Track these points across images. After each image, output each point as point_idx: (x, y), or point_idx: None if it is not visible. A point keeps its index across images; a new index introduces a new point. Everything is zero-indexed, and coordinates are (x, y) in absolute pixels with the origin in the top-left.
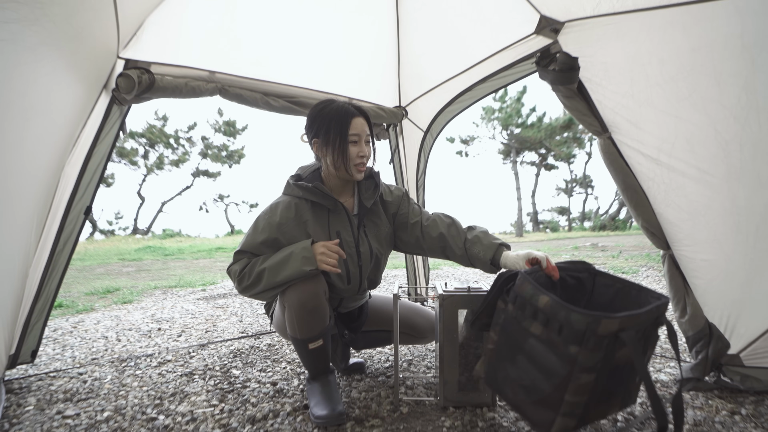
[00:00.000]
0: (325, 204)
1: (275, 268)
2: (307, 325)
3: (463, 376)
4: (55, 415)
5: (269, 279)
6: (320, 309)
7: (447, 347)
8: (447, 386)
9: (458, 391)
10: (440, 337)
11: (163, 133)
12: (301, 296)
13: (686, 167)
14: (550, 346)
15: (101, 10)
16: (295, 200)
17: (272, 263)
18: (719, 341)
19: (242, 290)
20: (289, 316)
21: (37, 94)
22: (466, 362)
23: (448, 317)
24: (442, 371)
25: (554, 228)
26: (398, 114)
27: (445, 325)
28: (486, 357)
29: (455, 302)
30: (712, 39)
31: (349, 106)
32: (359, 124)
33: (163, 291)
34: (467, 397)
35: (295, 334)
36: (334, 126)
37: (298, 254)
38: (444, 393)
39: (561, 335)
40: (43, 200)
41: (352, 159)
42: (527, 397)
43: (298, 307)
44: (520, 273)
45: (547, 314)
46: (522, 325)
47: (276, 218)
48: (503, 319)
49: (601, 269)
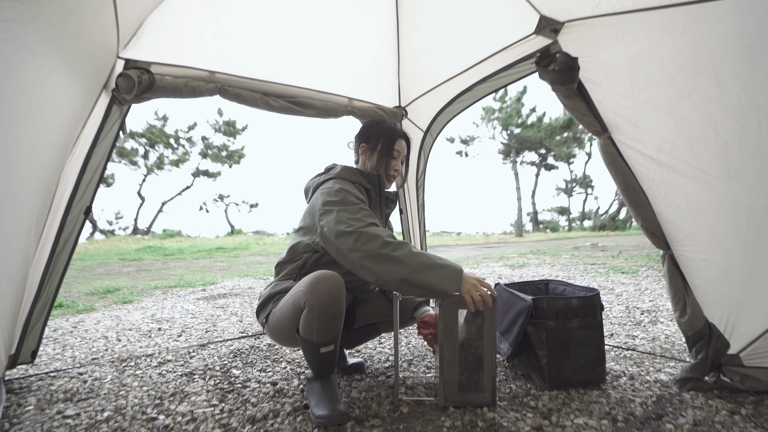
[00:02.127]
0: (373, 193)
1: (424, 267)
2: (326, 329)
3: (463, 375)
4: (55, 414)
5: (413, 270)
6: (340, 314)
7: (447, 347)
8: (447, 386)
9: (458, 391)
10: (440, 338)
11: (163, 133)
12: (327, 300)
13: (686, 167)
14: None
15: (101, 9)
16: (355, 185)
17: (424, 260)
18: (719, 341)
19: (372, 255)
20: (309, 317)
21: (35, 94)
22: (466, 362)
23: (448, 317)
24: (442, 371)
25: (554, 228)
26: (398, 114)
27: (446, 325)
28: (545, 369)
29: (455, 302)
30: (712, 39)
31: (399, 128)
32: (402, 145)
33: (163, 291)
34: (467, 397)
35: (311, 337)
36: (384, 139)
37: (451, 273)
38: (444, 393)
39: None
40: (43, 200)
41: (389, 170)
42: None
43: (321, 310)
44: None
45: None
46: (566, 326)
47: (354, 192)
48: (546, 334)
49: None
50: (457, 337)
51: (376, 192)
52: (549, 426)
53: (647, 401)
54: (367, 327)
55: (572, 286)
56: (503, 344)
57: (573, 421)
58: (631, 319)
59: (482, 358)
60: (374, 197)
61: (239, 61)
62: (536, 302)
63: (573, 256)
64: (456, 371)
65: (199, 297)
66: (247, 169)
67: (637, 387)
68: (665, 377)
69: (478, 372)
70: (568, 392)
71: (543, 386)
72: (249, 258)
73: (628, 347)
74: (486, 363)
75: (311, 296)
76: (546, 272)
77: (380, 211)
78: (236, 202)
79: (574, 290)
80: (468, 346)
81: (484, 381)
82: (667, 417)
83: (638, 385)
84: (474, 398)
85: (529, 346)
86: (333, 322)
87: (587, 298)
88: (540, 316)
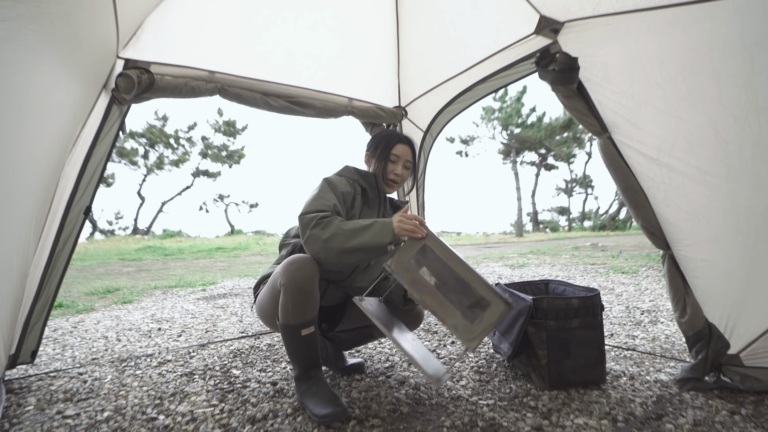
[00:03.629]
0: (369, 194)
1: (355, 232)
2: (302, 309)
3: (462, 307)
4: (55, 415)
5: (343, 238)
6: (315, 294)
7: (428, 297)
8: (460, 329)
9: (472, 324)
10: (416, 296)
11: (163, 133)
12: (299, 279)
13: (686, 167)
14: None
15: (100, 9)
16: (351, 181)
17: (354, 227)
18: (719, 341)
19: (313, 233)
20: (284, 299)
21: (35, 93)
22: (454, 295)
23: (405, 273)
24: (445, 320)
25: (554, 228)
26: (398, 114)
27: (410, 282)
28: (545, 369)
29: (400, 257)
30: (712, 39)
31: (401, 133)
32: (402, 149)
33: (163, 291)
34: (484, 322)
35: (288, 320)
36: (383, 144)
37: (381, 226)
38: (463, 336)
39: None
40: (43, 200)
41: (387, 173)
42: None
43: (294, 289)
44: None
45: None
46: (567, 326)
47: (340, 188)
48: (546, 334)
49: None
50: (429, 282)
51: (374, 192)
52: (549, 426)
53: (647, 401)
54: (360, 329)
55: (572, 286)
56: (503, 344)
57: (573, 421)
58: (631, 319)
59: (463, 279)
60: (372, 197)
61: (239, 61)
62: (536, 302)
63: (573, 256)
64: (455, 309)
65: (199, 297)
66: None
67: (637, 387)
68: (665, 377)
69: (472, 293)
70: (568, 392)
71: (543, 386)
72: (249, 258)
73: (628, 347)
74: (469, 279)
75: (284, 278)
76: (546, 272)
77: (380, 212)
78: (236, 202)
79: (575, 290)
80: (442, 281)
81: (485, 295)
82: (667, 417)
83: (638, 385)
84: (490, 316)
85: (529, 346)
86: (308, 302)
87: (587, 299)
88: (540, 316)
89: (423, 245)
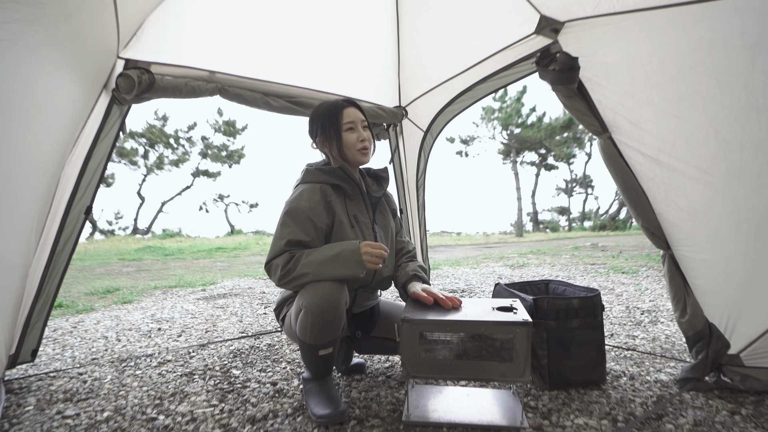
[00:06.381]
0: (345, 186)
1: (323, 265)
2: (321, 334)
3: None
4: (55, 415)
5: (315, 275)
6: (337, 320)
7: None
8: (508, 377)
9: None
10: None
11: (163, 133)
12: (322, 305)
13: (686, 167)
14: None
15: (101, 10)
16: (317, 185)
17: (320, 259)
18: (719, 341)
19: (284, 284)
20: (304, 320)
21: (37, 94)
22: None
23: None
24: (490, 377)
25: (554, 228)
26: (398, 114)
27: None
28: (545, 369)
29: (411, 324)
30: (712, 39)
31: (339, 99)
32: (351, 112)
33: (163, 291)
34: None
35: (306, 338)
36: (328, 120)
37: (348, 257)
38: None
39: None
40: (43, 200)
41: (354, 144)
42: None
43: (317, 314)
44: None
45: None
46: (567, 326)
47: (305, 203)
48: (546, 334)
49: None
50: (451, 358)
51: (349, 183)
52: (549, 426)
53: (647, 401)
54: (389, 340)
55: (572, 287)
56: None
57: (573, 421)
58: (631, 319)
59: (476, 335)
60: (349, 189)
61: (239, 61)
62: (537, 302)
63: (573, 256)
64: (489, 362)
65: (199, 297)
66: (247, 169)
67: (637, 387)
68: (665, 377)
69: (491, 341)
70: (568, 392)
71: (543, 386)
72: (249, 258)
73: (629, 347)
74: (479, 330)
75: (308, 300)
76: (546, 272)
77: (364, 199)
78: (236, 202)
79: (575, 290)
80: (462, 349)
81: (503, 333)
82: (667, 417)
83: (638, 386)
84: (520, 345)
85: None
86: (328, 327)
87: (588, 299)
88: (540, 316)
89: (419, 333)
